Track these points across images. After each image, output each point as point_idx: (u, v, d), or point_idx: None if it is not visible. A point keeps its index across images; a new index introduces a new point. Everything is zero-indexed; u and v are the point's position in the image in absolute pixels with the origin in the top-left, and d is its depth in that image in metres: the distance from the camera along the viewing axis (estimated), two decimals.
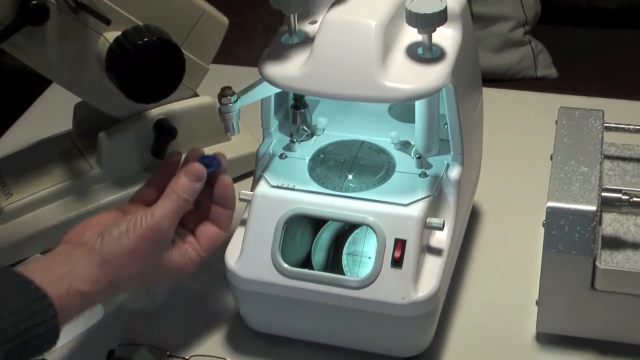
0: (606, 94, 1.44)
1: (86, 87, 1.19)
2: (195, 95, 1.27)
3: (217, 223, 1.02)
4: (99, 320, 1.11)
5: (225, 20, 1.25)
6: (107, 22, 1.12)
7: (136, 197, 1.05)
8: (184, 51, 1.15)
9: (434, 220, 0.97)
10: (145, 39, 1.11)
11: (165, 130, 1.24)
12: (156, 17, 1.15)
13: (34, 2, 1.06)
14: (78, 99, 1.26)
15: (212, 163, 1.01)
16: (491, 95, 1.18)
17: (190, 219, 1.02)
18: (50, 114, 1.44)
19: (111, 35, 1.12)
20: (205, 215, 1.03)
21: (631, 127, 1.12)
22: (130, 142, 1.23)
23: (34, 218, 1.20)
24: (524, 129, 1.37)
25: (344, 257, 1.03)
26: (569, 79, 2.13)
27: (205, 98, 1.27)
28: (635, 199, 1.00)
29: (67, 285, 0.89)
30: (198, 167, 0.99)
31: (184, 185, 0.98)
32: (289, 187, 1.01)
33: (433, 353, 1.04)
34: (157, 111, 1.24)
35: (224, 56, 1.31)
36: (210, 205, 1.02)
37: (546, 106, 1.28)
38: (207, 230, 1.02)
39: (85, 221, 1.00)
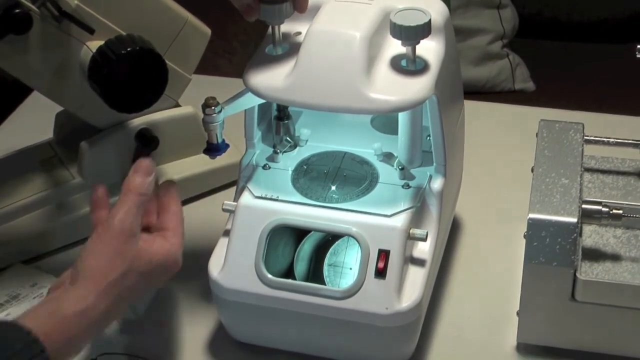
0: (583, 107, 1.45)
1: (68, 96, 1.19)
2: (177, 105, 1.27)
3: (169, 200, 1.01)
4: None
5: (207, 30, 1.25)
6: (91, 31, 1.12)
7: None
8: (166, 61, 1.15)
9: (417, 231, 0.97)
10: (129, 49, 1.11)
11: (147, 140, 1.23)
12: (139, 26, 1.15)
13: (17, 10, 1.06)
14: (59, 108, 1.26)
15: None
16: (471, 108, 1.19)
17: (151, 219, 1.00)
18: (31, 123, 1.44)
19: (94, 44, 1.12)
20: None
21: (611, 140, 1.13)
22: (111, 151, 1.23)
23: (15, 227, 1.20)
24: (504, 141, 1.38)
25: (325, 267, 1.03)
26: (546, 92, 2.15)
27: (187, 108, 1.27)
28: (615, 211, 1.01)
29: (57, 315, 0.87)
30: (146, 163, 0.98)
31: (136, 182, 0.96)
32: (273, 197, 1.01)
33: None
34: (139, 121, 1.24)
35: (204, 66, 1.31)
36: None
37: (526, 119, 1.29)
38: (166, 213, 1.00)
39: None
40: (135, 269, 0.93)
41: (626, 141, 1.13)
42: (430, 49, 0.98)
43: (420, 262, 1.00)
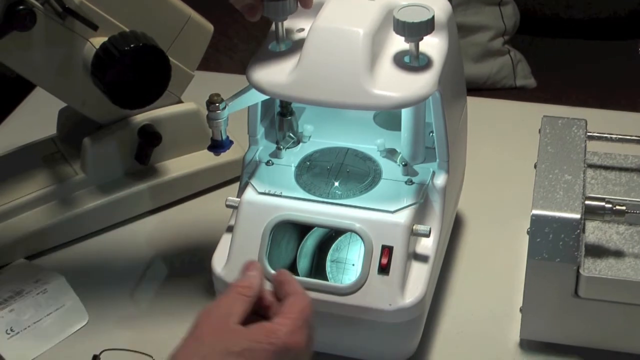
0: (584, 103, 1.46)
1: (71, 93, 1.19)
2: (180, 101, 1.28)
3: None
4: (83, 325, 1.11)
5: (210, 27, 1.25)
6: (94, 27, 1.12)
7: None
8: (169, 57, 1.15)
9: (421, 227, 0.97)
10: (132, 45, 1.11)
11: (149, 136, 1.24)
12: (142, 23, 1.15)
13: (21, 7, 1.06)
14: (62, 104, 1.26)
15: None
16: (473, 104, 1.19)
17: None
18: (34, 119, 1.44)
19: (97, 41, 1.13)
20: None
21: (614, 136, 1.13)
22: (114, 147, 1.23)
23: (18, 223, 1.20)
24: (506, 138, 1.38)
25: (328, 264, 1.03)
26: (547, 89, 2.15)
27: (190, 104, 1.27)
28: (618, 207, 1.01)
29: None
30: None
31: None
32: (276, 193, 1.01)
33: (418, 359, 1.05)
34: (142, 117, 1.24)
35: (206, 63, 1.31)
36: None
37: (528, 115, 1.29)
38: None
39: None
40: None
41: (629, 137, 1.13)
42: (433, 45, 0.98)
43: (423, 258, 1.00)
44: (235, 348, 0.81)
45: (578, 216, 0.97)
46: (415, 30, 0.93)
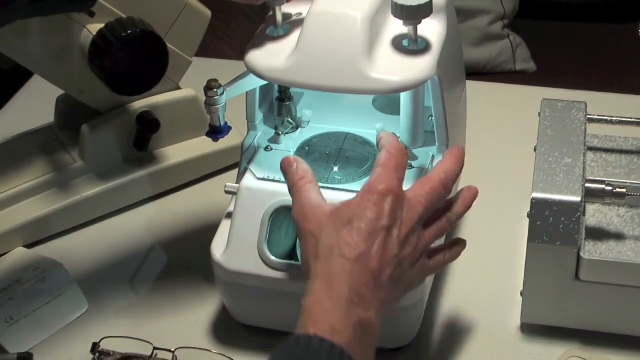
0: (584, 87, 1.45)
1: (69, 80, 1.19)
2: (178, 88, 1.27)
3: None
4: (82, 313, 1.11)
5: (208, 12, 1.25)
6: (91, 14, 1.11)
7: None
8: (167, 44, 1.15)
9: None
10: (129, 32, 1.11)
11: (148, 123, 1.23)
12: (139, 9, 1.15)
13: None
14: (60, 92, 1.25)
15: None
16: (473, 88, 1.19)
17: None
18: (32, 107, 1.44)
19: (94, 27, 1.12)
20: None
21: (614, 118, 1.12)
22: (112, 135, 1.23)
23: (16, 211, 1.20)
24: (506, 121, 1.38)
25: None
26: (547, 73, 2.14)
27: (188, 91, 1.27)
28: (618, 189, 1.01)
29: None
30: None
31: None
32: (275, 179, 1.01)
33: (419, 344, 1.04)
34: (140, 104, 1.24)
35: (204, 49, 1.30)
36: None
37: (527, 99, 1.29)
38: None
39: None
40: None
41: (629, 120, 1.13)
42: (431, 28, 0.97)
43: None
44: (343, 221, 0.85)
45: (578, 199, 0.96)
46: (414, 14, 0.92)
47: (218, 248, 1.01)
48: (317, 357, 0.78)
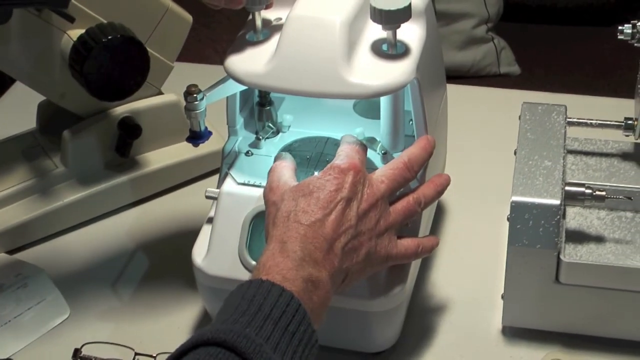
0: (568, 90, 1.45)
1: (50, 85, 1.19)
2: (160, 93, 1.27)
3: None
4: (64, 319, 1.10)
5: (189, 17, 1.25)
6: (71, 20, 1.11)
7: None
8: (148, 49, 1.15)
9: None
10: (110, 37, 1.11)
11: (129, 129, 1.23)
12: (120, 15, 1.15)
13: None
14: (42, 97, 1.25)
15: None
16: (455, 92, 1.19)
17: None
18: (14, 113, 1.43)
19: (75, 33, 1.12)
20: None
21: (594, 121, 1.13)
22: (94, 140, 1.23)
23: None
24: (488, 125, 1.38)
25: None
26: (531, 76, 2.15)
27: (170, 96, 1.27)
28: (598, 192, 1.01)
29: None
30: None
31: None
32: (256, 184, 1.01)
33: (400, 348, 1.04)
34: (122, 109, 1.23)
35: (188, 54, 1.30)
36: None
37: (509, 102, 1.29)
38: None
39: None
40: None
41: (609, 122, 1.13)
42: (411, 32, 0.97)
43: None
44: (304, 192, 0.90)
45: (558, 202, 0.97)
46: (393, 18, 0.93)
47: (199, 253, 1.01)
48: (268, 298, 0.80)
